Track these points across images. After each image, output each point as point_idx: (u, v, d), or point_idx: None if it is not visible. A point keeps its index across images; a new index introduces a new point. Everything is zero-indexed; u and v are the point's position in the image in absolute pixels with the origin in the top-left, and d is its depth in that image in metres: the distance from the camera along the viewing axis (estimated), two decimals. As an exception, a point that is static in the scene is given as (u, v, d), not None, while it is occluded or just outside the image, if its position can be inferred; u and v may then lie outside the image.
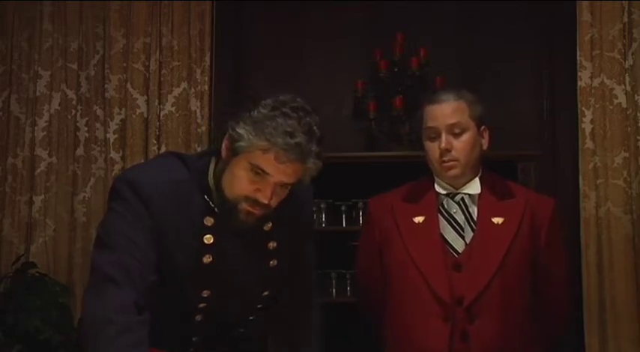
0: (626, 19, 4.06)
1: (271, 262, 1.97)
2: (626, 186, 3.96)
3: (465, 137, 2.35)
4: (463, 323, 2.28)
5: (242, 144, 1.77)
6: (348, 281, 4.07)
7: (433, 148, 2.37)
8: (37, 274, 3.95)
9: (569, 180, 4.14)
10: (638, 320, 3.88)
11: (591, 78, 4.05)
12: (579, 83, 4.07)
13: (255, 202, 1.82)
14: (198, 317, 1.94)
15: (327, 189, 4.12)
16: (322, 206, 4.12)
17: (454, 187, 2.40)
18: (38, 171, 4.22)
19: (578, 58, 4.08)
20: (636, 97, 4.02)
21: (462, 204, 2.39)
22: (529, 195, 2.45)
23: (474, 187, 2.40)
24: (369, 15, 4.39)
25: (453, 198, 2.40)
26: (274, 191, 1.82)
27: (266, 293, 2.00)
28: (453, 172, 2.36)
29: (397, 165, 3.74)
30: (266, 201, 1.81)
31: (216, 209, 1.87)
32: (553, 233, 2.40)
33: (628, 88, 4.03)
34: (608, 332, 3.89)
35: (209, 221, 1.87)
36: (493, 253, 2.31)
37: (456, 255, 2.33)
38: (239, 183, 1.81)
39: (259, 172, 1.78)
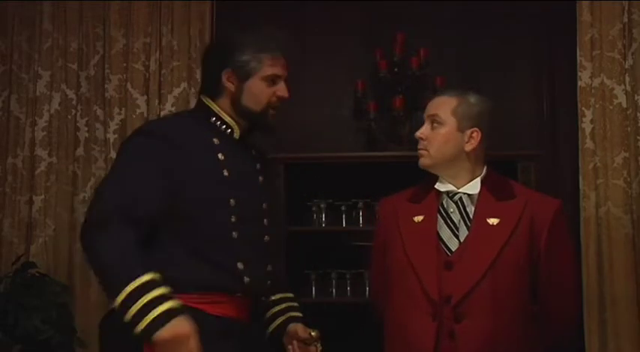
0: (626, 19, 4.07)
1: (260, 178, 2.29)
2: (626, 186, 3.97)
3: (439, 130, 2.39)
4: (450, 322, 2.28)
5: (252, 64, 2.18)
6: (348, 281, 4.06)
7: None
8: (37, 274, 3.95)
9: (569, 180, 4.14)
10: (638, 320, 3.88)
11: (591, 78, 4.06)
12: (579, 83, 4.07)
13: (276, 104, 2.23)
14: (235, 234, 2.13)
15: (327, 189, 4.14)
16: (322, 206, 4.11)
17: (455, 187, 2.41)
18: (38, 171, 4.22)
19: (578, 58, 4.08)
20: (636, 97, 4.03)
21: (459, 204, 2.40)
22: (531, 197, 2.43)
23: (474, 187, 2.41)
24: (369, 15, 4.39)
25: (452, 198, 2.41)
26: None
27: (265, 205, 2.26)
28: (421, 161, 2.42)
29: (397, 165, 3.74)
30: (287, 95, 2.23)
31: (223, 126, 2.22)
32: (555, 236, 2.36)
33: (628, 88, 4.03)
34: (608, 332, 3.89)
35: (216, 141, 2.19)
36: (484, 253, 2.31)
37: (449, 254, 2.34)
38: (262, 95, 2.20)
39: (274, 79, 2.20)
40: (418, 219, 2.40)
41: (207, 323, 2.03)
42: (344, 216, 4.13)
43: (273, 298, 2.37)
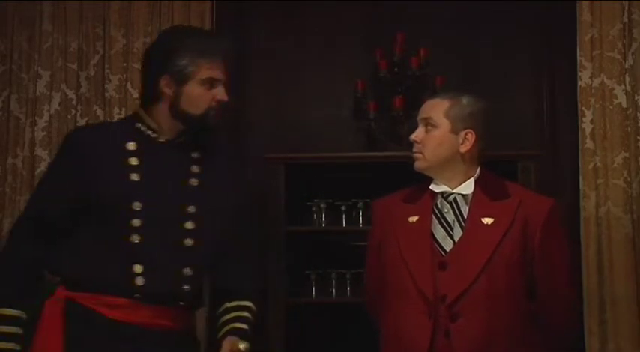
0: (626, 19, 4.06)
1: (192, 180, 2.24)
2: (626, 186, 3.96)
3: (433, 133, 2.40)
4: (446, 321, 2.29)
5: (190, 69, 2.16)
6: (348, 281, 4.06)
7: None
8: (37, 274, 3.94)
9: (569, 180, 4.14)
10: (638, 320, 3.88)
11: (591, 78, 4.06)
12: (579, 83, 4.07)
13: (216, 108, 2.21)
14: (136, 238, 2.14)
15: (327, 189, 4.15)
16: (322, 206, 4.11)
17: (449, 188, 2.42)
18: (38, 171, 4.21)
19: (578, 58, 4.08)
20: (636, 97, 4.02)
21: (453, 204, 2.41)
22: (525, 196, 2.44)
23: (468, 188, 2.42)
24: (369, 15, 4.39)
25: (446, 199, 2.42)
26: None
27: (191, 209, 2.21)
28: (416, 164, 2.44)
29: (397, 165, 3.73)
30: (227, 98, 2.20)
31: (148, 131, 2.22)
32: (549, 235, 2.37)
33: (628, 88, 4.03)
34: (608, 332, 3.89)
35: (131, 146, 2.20)
36: (479, 253, 2.32)
37: (443, 254, 2.35)
38: (201, 99, 2.19)
39: (212, 82, 2.18)
40: (413, 219, 2.41)
41: (96, 325, 2.12)
42: (344, 216, 4.13)
43: (228, 305, 2.32)
